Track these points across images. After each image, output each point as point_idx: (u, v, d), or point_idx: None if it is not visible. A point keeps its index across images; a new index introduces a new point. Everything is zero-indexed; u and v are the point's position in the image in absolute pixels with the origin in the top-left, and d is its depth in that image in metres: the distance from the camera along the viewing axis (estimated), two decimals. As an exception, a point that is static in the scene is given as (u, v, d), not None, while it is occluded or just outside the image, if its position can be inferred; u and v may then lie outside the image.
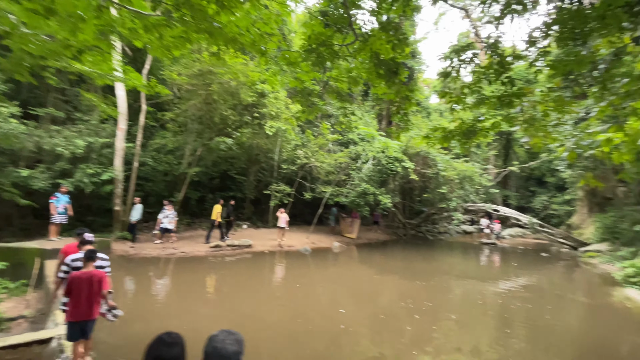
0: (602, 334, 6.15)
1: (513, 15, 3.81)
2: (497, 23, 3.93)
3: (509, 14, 3.74)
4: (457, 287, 9.26)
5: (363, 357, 4.73)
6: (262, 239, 14.22)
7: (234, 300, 7.03)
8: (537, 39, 3.91)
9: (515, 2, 3.71)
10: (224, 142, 14.21)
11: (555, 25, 3.58)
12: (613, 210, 14.59)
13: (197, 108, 13.57)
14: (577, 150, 5.52)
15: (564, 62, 3.87)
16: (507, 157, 26.56)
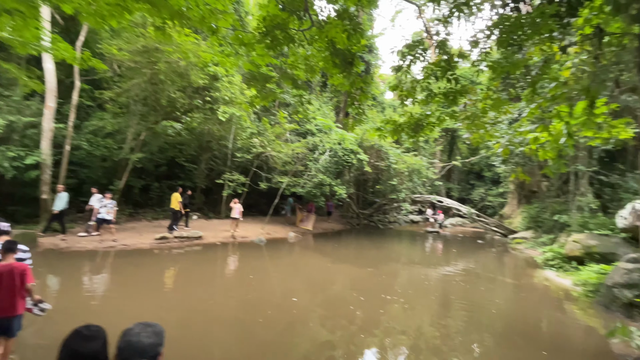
0: (525, 309, 7.02)
1: (460, 15, 4.04)
2: (446, 22, 4.14)
3: (457, 13, 3.94)
4: (404, 272, 9.84)
5: (314, 344, 4.82)
6: (213, 230, 13.69)
7: (181, 295, 6.69)
8: (479, 40, 4.19)
9: (462, 3, 3.92)
10: (171, 126, 13.27)
11: (495, 28, 3.86)
12: (537, 202, 16.55)
13: (141, 88, 12.43)
14: (510, 147, 6.12)
15: (501, 64, 4.20)
16: (452, 153, 28.63)
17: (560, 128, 5.94)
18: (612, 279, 6.84)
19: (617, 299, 6.60)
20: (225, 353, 4.44)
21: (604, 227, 10.46)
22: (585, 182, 12.34)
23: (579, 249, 9.56)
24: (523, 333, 5.65)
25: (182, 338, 4.73)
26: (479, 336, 5.46)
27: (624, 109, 9.96)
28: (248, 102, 5.37)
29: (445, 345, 5.03)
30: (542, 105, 6.05)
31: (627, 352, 4.78)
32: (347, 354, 4.54)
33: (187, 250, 11.22)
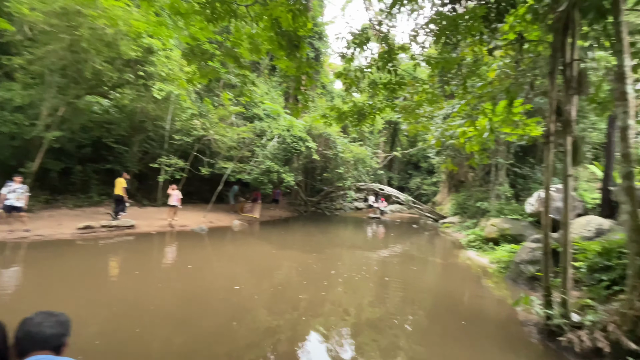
0: (450, 285, 7.85)
1: (402, 9, 4.19)
2: (389, 15, 4.27)
3: (399, 6, 4.08)
4: (347, 256, 10.26)
5: (260, 331, 4.76)
6: (148, 219, 12.67)
7: (113, 288, 6.10)
8: (418, 34, 4.42)
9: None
10: (97, 102, 11.75)
11: (433, 24, 4.09)
12: (464, 191, 18.44)
13: (58, 56, 10.72)
14: (442, 140, 6.67)
15: (437, 60, 4.49)
16: (393, 144, 30.29)
17: (485, 124, 6.62)
18: (520, 257, 7.97)
19: (523, 274, 7.72)
20: (166, 346, 4.17)
21: (516, 213, 12.08)
22: (503, 173, 14.06)
23: (495, 231, 10.94)
24: (448, 306, 6.32)
25: (117, 332, 4.35)
26: (412, 311, 5.97)
27: (536, 110, 11.46)
28: (187, 79, 4.95)
29: (383, 321, 5.40)
30: (470, 103, 6.65)
31: (529, 318, 5.65)
32: (292, 338, 4.60)
33: (118, 240, 10.23)
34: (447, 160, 9.93)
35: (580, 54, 5.61)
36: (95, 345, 4.04)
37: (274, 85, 20.48)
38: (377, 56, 4.31)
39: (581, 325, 4.55)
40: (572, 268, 5.66)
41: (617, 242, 5.91)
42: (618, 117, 4.77)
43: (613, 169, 9.30)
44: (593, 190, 11.85)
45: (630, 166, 4.47)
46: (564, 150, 5.06)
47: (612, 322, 4.10)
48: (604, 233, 7.59)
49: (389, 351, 4.43)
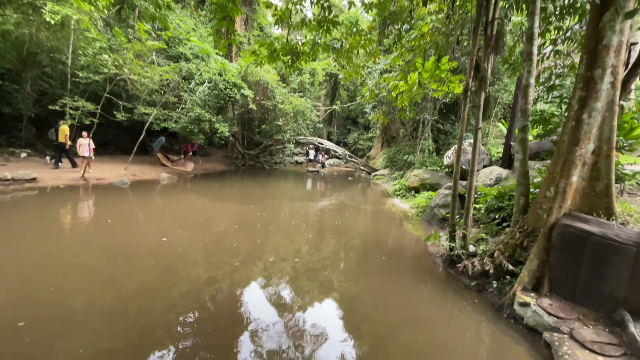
0: (376, 229, 8.64)
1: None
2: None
3: None
4: (285, 207, 10.44)
5: (196, 283, 4.65)
6: (55, 172, 10.99)
7: (19, 249, 5.29)
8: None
9: None
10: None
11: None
12: (395, 146, 19.70)
13: None
14: (376, 92, 6.83)
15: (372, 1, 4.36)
16: (334, 98, 30.23)
17: (415, 79, 6.90)
18: (434, 202, 9.03)
19: (436, 216, 8.83)
20: (91, 306, 3.83)
21: (436, 165, 13.44)
22: (428, 129, 15.25)
23: (417, 181, 12.11)
24: (373, 246, 7.01)
25: (33, 294, 3.85)
26: (344, 253, 6.49)
27: (460, 70, 12.30)
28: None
29: (318, 264, 5.77)
30: (404, 55, 6.79)
31: (437, 252, 6.59)
32: (230, 287, 4.61)
33: (17, 195, 8.76)
34: (379, 113, 10.32)
35: (501, 13, 5.99)
36: (9, 313, 3.58)
37: (202, 21, 18.09)
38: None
39: (475, 254, 5.48)
40: (473, 209, 6.64)
41: (509, 187, 7.04)
42: (524, 76, 5.37)
43: (515, 125, 10.72)
44: (499, 145, 13.65)
45: (526, 120, 5.17)
46: (477, 105, 5.59)
47: (498, 250, 5.01)
48: (502, 180, 8.95)
49: (324, 290, 4.81)
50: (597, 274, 3.87)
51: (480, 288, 4.92)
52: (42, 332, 3.29)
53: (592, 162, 4.31)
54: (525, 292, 4.19)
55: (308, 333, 3.67)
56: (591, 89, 4.22)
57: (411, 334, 3.84)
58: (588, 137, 4.24)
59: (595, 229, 3.93)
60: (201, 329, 3.55)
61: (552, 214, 4.22)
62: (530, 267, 4.26)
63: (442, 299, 4.78)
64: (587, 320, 3.78)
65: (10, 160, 11.12)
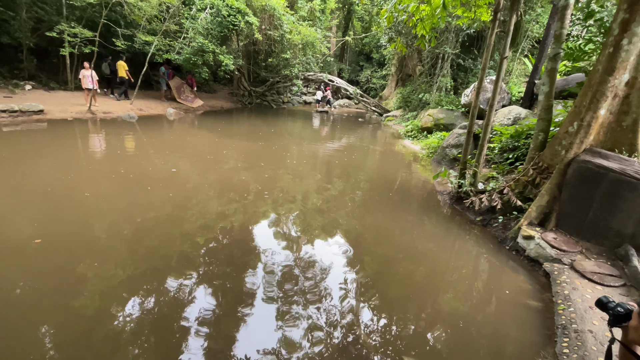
0: (384, 169, 8.61)
1: None
2: None
3: None
4: (294, 146, 10.35)
5: (209, 217, 4.79)
6: (61, 104, 10.88)
7: (35, 180, 5.46)
8: None
9: None
10: None
11: None
12: (410, 85, 18.62)
13: None
14: (394, 14, 6.15)
15: None
16: (346, 29, 27.86)
17: (439, 0, 6.13)
18: (447, 141, 8.79)
19: (447, 156, 8.68)
20: (111, 233, 4.03)
21: (452, 104, 12.80)
22: (447, 64, 14.18)
23: (430, 121, 11.68)
24: (380, 186, 7.04)
25: (55, 224, 4.05)
26: (351, 192, 6.54)
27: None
28: None
29: (325, 202, 5.85)
30: (429, -30, 5.93)
31: (445, 189, 6.59)
32: (242, 220, 4.73)
33: (26, 128, 8.84)
34: (397, 39, 9.47)
35: None
36: (34, 242, 3.81)
37: None
38: None
39: (484, 191, 5.45)
40: (487, 149, 6.44)
41: (527, 125, 6.71)
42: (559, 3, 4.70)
43: (542, 62, 9.84)
44: (521, 84, 12.76)
45: (559, 48, 4.67)
46: (506, 30, 5.02)
47: (508, 187, 4.96)
48: (520, 120, 8.53)
49: (330, 226, 4.93)
50: (608, 210, 3.83)
51: (486, 223, 4.99)
52: (63, 254, 3.53)
53: (624, 94, 3.97)
54: (530, 226, 4.23)
55: (315, 263, 3.84)
56: (636, 10, 3.70)
57: (412, 265, 3.99)
58: (624, 65, 3.84)
59: (614, 165, 3.78)
60: (215, 258, 3.74)
61: (571, 149, 4.04)
62: (539, 202, 4.23)
63: (446, 233, 4.89)
64: (589, 254, 3.86)
65: (15, 93, 10.97)
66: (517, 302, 3.34)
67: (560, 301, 3.10)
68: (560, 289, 3.28)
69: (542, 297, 3.38)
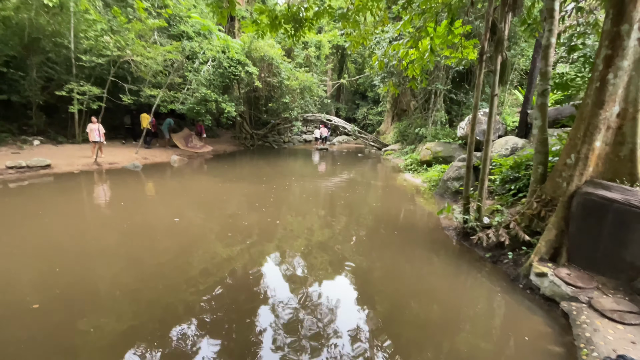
0: (387, 204, 8.57)
1: None
2: None
3: None
4: (296, 185, 10.44)
5: (213, 261, 4.75)
6: (68, 158, 11.19)
7: (40, 234, 5.47)
8: None
9: None
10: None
11: None
12: (406, 119, 19.19)
13: None
14: (385, 61, 6.51)
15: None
16: (341, 72, 29.34)
17: (426, 45, 6.53)
18: (447, 174, 8.84)
19: (449, 189, 8.67)
20: (115, 285, 3.96)
21: (449, 137, 13.06)
22: (440, 99, 14.70)
23: (429, 154, 11.84)
24: (385, 221, 6.97)
25: (58, 277, 3.99)
26: (355, 229, 6.47)
27: (475, 34, 11.62)
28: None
29: (330, 240, 5.79)
30: (414, 20, 6.39)
31: (450, 225, 6.50)
32: (246, 264, 4.67)
33: (32, 182, 9.00)
34: (389, 83, 9.94)
35: (520, -33, 5.49)
36: (36, 296, 3.74)
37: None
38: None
39: (490, 225, 5.37)
40: (488, 180, 6.45)
41: (526, 157, 6.78)
42: (543, 36, 4.99)
43: (532, 93, 10.20)
44: (514, 115, 13.10)
45: (546, 84, 4.86)
46: (493, 70, 5.28)
47: (514, 221, 4.89)
48: (518, 150, 8.64)
49: (337, 264, 4.84)
50: (619, 242, 3.74)
51: (495, 259, 4.85)
52: (64, 311, 3.43)
53: (617, 126, 4.05)
54: (542, 262, 4.10)
55: (323, 305, 3.72)
56: (617, 46, 3.89)
57: (425, 305, 3.84)
58: (613, 98, 3.96)
59: (618, 195, 3.75)
60: (220, 304, 3.63)
61: (572, 182, 4.04)
62: (548, 237, 4.14)
63: (456, 271, 4.74)
64: (606, 289, 3.69)
65: (23, 148, 11.36)
66: (537, 347, 3.14)
67: (583, 345, 2.92)
68: (581, 331, 3.10)
69: (563, 341, 3.19)
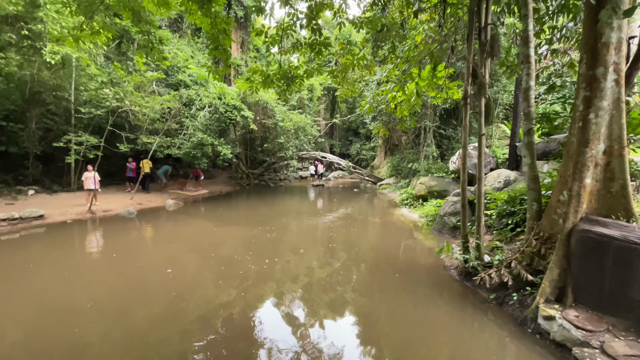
0: (387, 241, 8.44)
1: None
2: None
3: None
4: (293, 225, 10.32)
5: (208, 308, 4.57)
6: (62, 207, 11.05)
7: (28, 291, 5.24)
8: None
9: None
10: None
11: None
12: (398, 154, 19.60)
13: None
14: (374, 105, 6.80)
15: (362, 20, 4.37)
16: (333, 111, 30.43)
17: (412, 89, 6.87)
18: (444, 210, 8.83)
19: (447, 224, 8.62)
20: (104, 342, 3.74)
21: (441, 171, 13.25)
22: (430, 135, 15.15)
23: (424, 189, 11.93)
24: (385, 260, 6.82)
25: (47, 335, 3.77)
26: (356, 268, 6.33)
27: (458, 74, 12.29)
28: (72, 38, 4.01)
29: (330, 281, 5.64)
30: (399, 66, 6.77)
31: (451, 264, 6.37)
32: (243, 310, 4.52)
33: (25, 234, 8.80)
34: (379, 125, 10.29)
35: (493, 18, 5.96)
36: (24, 352, 3.49)
37: (199, 47, 18.51)
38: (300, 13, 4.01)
39: (491, 264, 5.27)
40: (484, 216, 6.45)
41: (520, 191, 6.85)
42: (522, 80, 5.28)
43: (519, 126, 10.57)
44: (503, 147, 13.47)
45: (530, 124, 5.05)
46: (478, 111, 5.50)
47: (514, 259, 4.81)
48: (511, 183, 8.75)
49: (337, 306, 4.68)
50: (623, 280, 3.66)
51: (500, 301, 4.70)
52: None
53: (605, 163, 4.15)
54: (548, 304, 3.97)
55: (325, 353, 3.53)
56: (595, 87, 4.11)
57: (433, 352, 3.65)
58: (597, 137, 4.10)
59: (615, 232, 3.75)
60: (217, 355, 3.43)
61: (568, 219, 4.05)
62: (551, 276, 4.05)
63: (461, 314, 4.56)
64: (617, 332, 3.55)
65: (17, 199, 11.25)
66: (557, 403, 2.93)
67: (605, 399, 2.73)
68: (600, 382, 2.92)
69: (582, 393, 2.99)
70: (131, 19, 3.74)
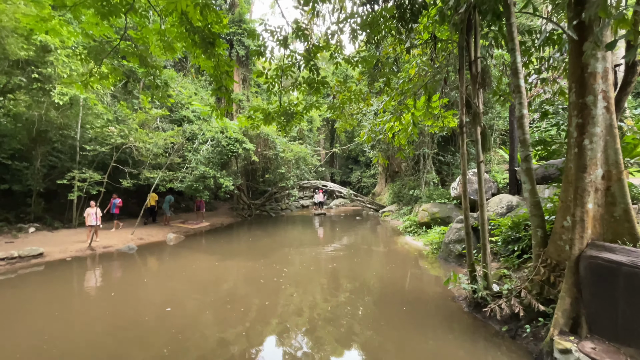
0: (392, 271, 8.23)
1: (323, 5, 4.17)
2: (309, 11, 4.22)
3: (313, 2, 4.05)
4: (295, 256, 10.13)
5: (208, 347, 4.39)
6: (62, 244, 10.95)
7: (25, 333, 5.06)
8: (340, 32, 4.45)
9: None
10: (-23, 112, 9.76)
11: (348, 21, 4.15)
12: (399, 181, 19.68)
13: None
14: (372, 135, 6.95)
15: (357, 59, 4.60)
16: (333, 141, 31.01)
17: (409, 119, 7.06)
18: (448, 237, 8.71)
19: (452, 252, 8.47)
20: None
21: (443, 197, 13.23)
22: (429, 162, 15.30)
23: (426, 216, 11.84)
24: (391, 291, 6.62)
25: None
26: (361, 300, 6.13)
27: (452, 103, 12.65)
28: (82, 83, 4.23)
29: (336, 313, 5.45)
30: (395, 99, 7.01)
31: (460, 294, 6.18)
32: (245, 349, 4.34)
33: (23, 273, 8.66)
34: (379, 155, 10.46)
35: (482, 52, 6.26)
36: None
37: (202, 85, 19.27)
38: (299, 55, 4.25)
39: (500, 294, 5.11)
40: (489, 243, 6.35)
41: (523, 216, 6.80)
42: (515, 108, 5.44)
43: (516, 151, 10.70)
44: (503, 171, 13.55)
45: (527, 150, 5.12)
46: (475, 140, 5.61)
47: (524, 288, 4.68)
48: (514, 208, 8.70)
49: (344, 340, 4.49)
50: (637, 307, 3.53)
51: (513, 334, 4.50)
52: None
53: (605, 188, 4.16)
54: (563, 336, 3.80)
55: None
56: (586, 115, 4.22)
57: None
58: (594, 162, 4.15)
59: (623, 258, 3.67)
60: None
61: (574, 245, 3.98)
62: (563, 306, 3.92)
63: (474, 349, 4.35)
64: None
65: (17, 237, 11.18)
66: None
67: None
68: (628, 423, 2.73)
69: None
70: (138, 63, 3.98)
